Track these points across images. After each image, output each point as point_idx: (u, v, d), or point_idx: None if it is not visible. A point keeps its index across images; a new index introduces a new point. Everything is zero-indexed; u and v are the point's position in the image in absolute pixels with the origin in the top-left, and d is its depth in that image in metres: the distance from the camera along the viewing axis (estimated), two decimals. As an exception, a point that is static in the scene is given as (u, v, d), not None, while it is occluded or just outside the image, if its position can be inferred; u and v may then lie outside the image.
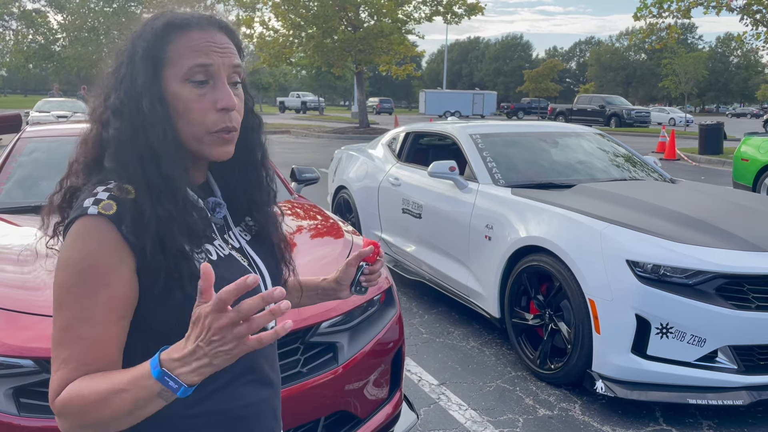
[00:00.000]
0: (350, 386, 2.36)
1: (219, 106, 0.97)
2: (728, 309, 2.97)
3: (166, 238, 0.94)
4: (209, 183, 1.12)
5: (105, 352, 0.92)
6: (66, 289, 0.91)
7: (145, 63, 0.97)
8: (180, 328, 0.95)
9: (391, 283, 2.69)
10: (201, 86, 0.98)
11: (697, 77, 28.74)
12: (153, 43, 0.98)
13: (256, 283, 0.80)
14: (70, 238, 0.92)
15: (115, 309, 0.92)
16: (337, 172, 6.40)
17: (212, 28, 1.01)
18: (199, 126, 0.98)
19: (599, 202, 3.71)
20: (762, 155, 8.68)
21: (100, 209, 0.92)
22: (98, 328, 0.91)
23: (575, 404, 3.27)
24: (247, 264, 1.07)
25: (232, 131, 1.00)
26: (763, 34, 16.50)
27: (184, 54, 0.98)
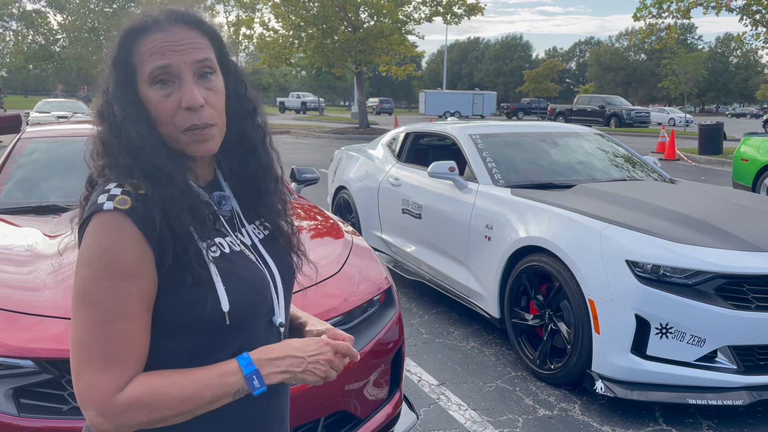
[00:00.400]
0: (350, 386, 2.37)
1: (183, 104, 0.98)
2: (728, 309, 2.97)
3: (172, 221, 0.95)
4: (217, 179, 1.12)
5: (143, 344, 0.95)
6: (94, 285, 0.91)
7: (117, 70, 1.00)
8: (190, 320, 0.97)
9: (390, 284, 2.70)
10: (165, 87, 0.98)
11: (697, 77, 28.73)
12: (120, 51, 1.00)
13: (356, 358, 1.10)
14: (90, 236, 0.93)
15: (144, 300, 0.94)
16: (337, 172, 6.40)
17: (173, 26, 1.00)
18: (170, 126, 0.99)
19: (599, 203, 3.71)
20: (762, 155, 8.68)
21: (116, 204, 0.93)
22: (134, 320, 0.93)
23: (575, 404, 3.28)
24: (254, 260, 1.08)
25: (204, 128, 0.99)
26: (762, 34, 16.51)
27: (144, 58, 0.99)
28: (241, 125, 1.10)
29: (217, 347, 1.00)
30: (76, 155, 3.71)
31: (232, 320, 0.99)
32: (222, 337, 1.00)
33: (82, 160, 3.77)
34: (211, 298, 0.97)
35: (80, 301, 0.92)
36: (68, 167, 3.61)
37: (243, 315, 1.01)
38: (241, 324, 1.01)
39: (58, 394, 1.91)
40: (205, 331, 0.99)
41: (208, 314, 0.97)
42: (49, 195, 3.34)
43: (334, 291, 2.47)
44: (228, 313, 0.98)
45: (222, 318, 0.98)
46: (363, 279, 2.62)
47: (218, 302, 0.97)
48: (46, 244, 2.56)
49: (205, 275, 0.97)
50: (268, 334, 1.08)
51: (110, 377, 0.91)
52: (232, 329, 1.00)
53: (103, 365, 0.91)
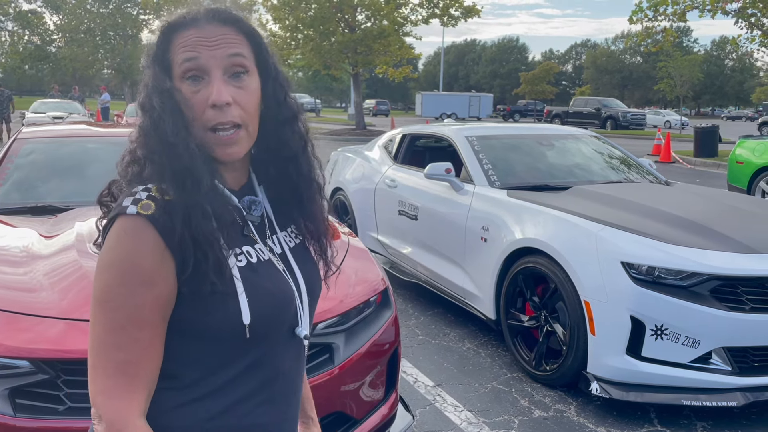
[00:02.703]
0: (346, 387, 2.37)
1: (209, 101, 0.96)
2: (722, 311, 2.99)
3: (195, 226, 0.92)
4: (251, 183, 1.09)
5: (157, 353, 0.94)
6: (113, 290, 0.91)
7: (155, 65, 1.00)
8: (208, 330, 0.96)
9: (387, 285, 2.70)
10: (195, 83, 0.97)
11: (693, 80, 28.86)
12: (157, 47, 1.01)
13: None
14: (112, 239, 0.92)
15: (161, 309, 0.93)
16: (333, 173, 6.41)
17: (209, 23, 0.99)
18: (198, 123, 0.97)
19: (594, 204, 3.73)
20: (757, 158, 8.72)
21: (139, 209, 0.92)
22: (149, 329, 0.92)
23: (570, 405, 3.29)
24: (283, 270, 1.05)
25: (230, 130, 0.97)
26: (758, 37, 16.58)
27: (177, 52, 0.99)
28: (279, 132, 1.07)
29: (235, 358, 0.99)
30: (73, 156, 3.71)
31: (253, 333, 0.97)
32: (241, 349, 0.99)
33: (78, 160, 3.77)
34: (232, 309, 0.95)
35: (98, 305, 0.92)
36: (65, 168, 3.61)
37: (264, 328, 0.99)
38: (262, 336, 1.00)
39: (54, 395, 1.91)
40: (224, 341, 0.97)
41: (228, 326, 0.95)
42: (45, 196, 3.34)
43: (332, 291, 2.47)
44: (249, 326, 0.96)
45: (242, 330, 0.96)
46: (359, 280, 2.63)
47: (239, 315, 0.95)
48: (42, 245, 2.56)
49: (226, 286, 0.94)
50: (289, 345, 1.06)
51: (122, 384, 0.91)
52: (252, 341, 0.98)
53: (117, 371, 0.91)
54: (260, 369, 1.02)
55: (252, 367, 1.00)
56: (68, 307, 2.06)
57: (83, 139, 3.92)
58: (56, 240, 2.60)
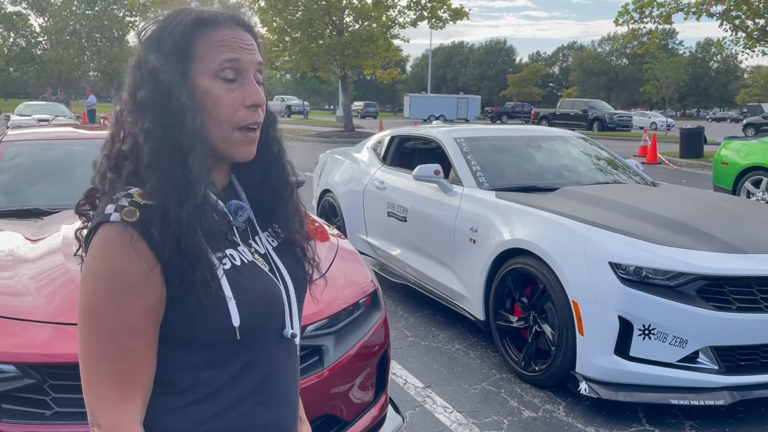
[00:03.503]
0: (336, 389, 2.36)
1: (249, 102, 0.98)
2: (709, 310, 3.01)
3: (183, 239, 0.91)
4: (233, 185, 1.10)
5: (151, 360, 0.94)
6: (101, 301, 0.89)
7: (175, 58, 0.96)
8: (198, 334, 0.95)
9: (376, 286, 2.70)
10: (230, 82, 0.98)
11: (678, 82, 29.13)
12: (181, 39, 0.97)
13: None
14: (96, 248, 0.90)
15: (151, 316, 0.92)
16: (322, 175, 6.40)
17: (239, 27, 1.01)
18: (227, 122, 0.97)
19: (582, 205, 3.75)
20: (741, 159, 8.81)
21: (123, 216, 0.90)
22: (142, 338, 0.91)
23: (559, 406, 3.30)
24: (268, 270, 1.05)
25: (257, 129, 1.01)
26: (742, 39, 16.77)
27: (213, 50, 0.97)
28: (265, 135, 1.09)
29: (228, 361, 0.99)
30: (59, 159, 3.68)
31: (243, 335, 0.97)
32: (233, 351, 0.99)
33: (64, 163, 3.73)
34: (222, 312, 0.94)
35: (86, 316, 0.90)
36: (51, 171, 3.57)
37: (254, 329, 0.99)
38: (252, 338, 1.00)
39: (41, 399, 1.89)
40: (215, 345, 0.97)
41: (218, 329, 0.95)
42: (31, 199, 3.31)
43: (320, 295, 2.46)
44: (239, 328, 0.96)
45: (233, 333, 0.95)
46: (349, 282, 2.63)
47: (228, 318, 0.95)
48: (28, 248, 2.54)
49: (216, 290, 0.93)
50: (280, 345, 1.06)
51: (119, 393, 0.91)
52: (243, 343, 0.98)
53: (112, 380, 0.90)
54: (253, 370, 1.01)
55: (245, 368, 1.00)
56: (55, 311, 2.04)
57: (69, 141, 3.89)
58: (42, 243, 2.57)
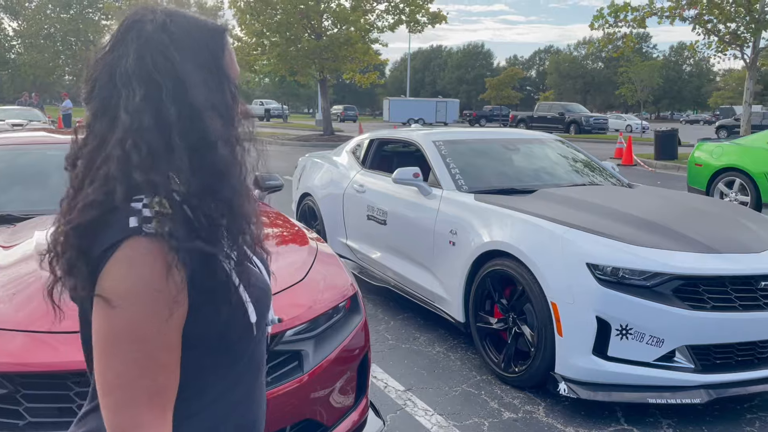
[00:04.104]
0: (316, 394, 2.35)
1: (245, 114, 1.01)
2: (685, 310, 3.05)
3: (207, 243, 0.90)
4: None
5: (179, 374, 0.91)
6: (140, 320, 0.85)
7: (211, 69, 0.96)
8: (219, 336, 0.95)
9: (356, 290, 2.69)
10: (233, 96, 1.00)
11: (652, 85, 29.52)
12: (215, 51, 0.98)
13: None
14: (125, 266, 0.85)
15: (181, 328, 0.90)
16: (301, 179, 6.38)
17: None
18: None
19: (560, 207, 3.78)
20: (715, 160, 8.97)
21: (154, 227, 0.85)
22: (176, 351, 0.90)
23: (539, 406, 3.32)
24: (252, 265, 1.06)
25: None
26: (714, 43, 17.08)
27: (230, 64, 1.00)
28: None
29: (235, 358, 0.99)
30: (33, 164, 3.61)
31: (257, 329, 0.99)
32: (244, 348, 0.99)
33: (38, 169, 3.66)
34: (241, 310, 0.95)
35: (120, 339, 0.85)
36: (24, 176, 3.51)
37: (261, 322, 1.01)
38: (260, 331, 1.02)
39: (14, 410, 1.85)
40: (233, 345, 0.97)
41: (239, 328, 0.96)
42: (4, 205, 3.25)
43: (299, 298, 2.46)
44: (255, 324, 0.97)
45: (250, 329, 0.97)
46: (328, 286, 2.62)
47: (246, 314, 0.96)
48: (0, 255, 2.49)
49: (233, 289, 0.94)
50: (263, 337, 1.08)
51: (156, 414, 0.87)
52: (255, 338, 1.00)
53: (150, 401, 0.87)
54: (253, 365, 1.03)
55: (248, 364, 1.02)
56: (27, 319, 2.00)
57: (43, 146, 3.83)
58: (15, 250, 2.52)
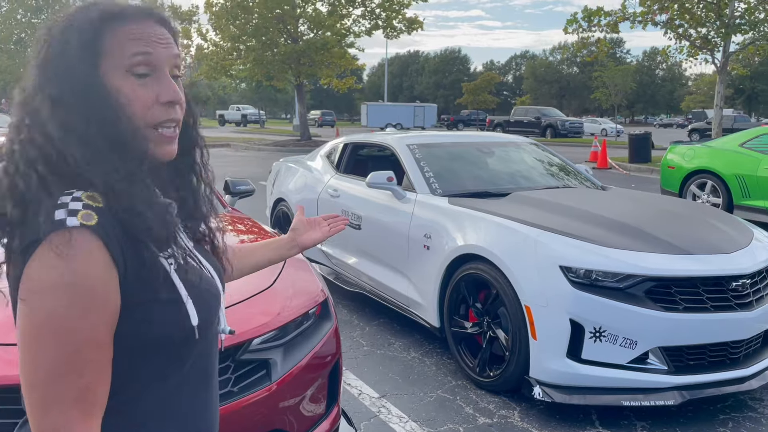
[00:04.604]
0: (285, 403, 2.29)
1: (163, 98, 0.93)
2: (657, 311, 3.05)
3: (139, 241, 0.88)
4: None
5: (108, 376, 0.88)
6: (64, 315, 0.82)
7: (83, 53, 0.91)
8: (158, 339, 0.91)
9: (326, 296, 2.64)
10: (143, 77, 0.93)
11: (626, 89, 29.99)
12: (89, 34, 0.92)
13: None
14: (51, 258, 0.82)
15: (111, 326, 0.87)
16: (275, 184, 6.30)
17: (152, 20, 0.97)
18: (141, 120, 0.92)
19: (533, 210, 3.77)
20: (687, 162, 9.08)
21: (81, 220, 0.83)
22: (104, 350, 0.86)
23: (514, 411, 3.29)
24: (200, 267, 1.03)
25: (173, 127, 0.96)
26: (685, 48, 17.35)
27: (123, 44, 0.92)
28: (191, 133, 1.08)
29: (178, 364, 0.96)
30: None
31: (200, 333, 0.95)
32: (186, 352, 0.96)
33: None
34: (180, 314, 0.92)
35: (43, 333, 0.82)
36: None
37: (206, 326, 0.97)
38: (204, 336, 0.98)
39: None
40: (172, 348, 0.93)
41: (178, 331, 0.92)
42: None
43: (267, 305, 2.40)
44: (197, 327, 0.94)
45: (192, 332, 0.93)
46: (297, 292, 2.56)
47: (187, 317, 0.92)
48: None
49: (171, 289, 0.91)
50: (215, 343, 1.05)
51: (81, 414, 0.84)
52: (197, 343, 0.96)
53: (74, 400, 0.83)
54: (201, 373, 1.01)
55: (195, 371, 0.98)
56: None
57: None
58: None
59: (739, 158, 8.43)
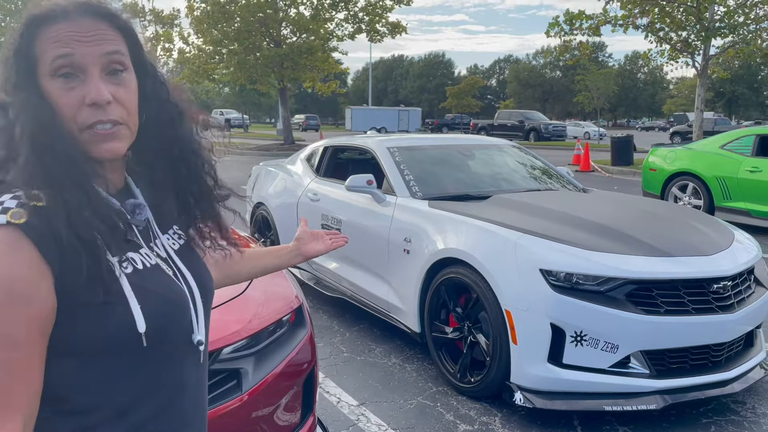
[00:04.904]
0: (258, 413, 2.22)
1: (87, 100, 0.90)
2: (638, 314, 3.01)
3: (78, 235, 0.85)
4: (128, 187, 1.04)
5: (33, 377, 0.85)
6: None
7: (17, 61, 0.92)
8: (101, 344, 0.89)
9: (301, 302, 2.56)
10: (68, 80, 0.91)
11: (608, 93, 30.25)
12: (20, 40, 0.92)
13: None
14: None
15: (38, 327, 0.83)
16: (255, 188, 6.22)
17: (82, 17, 0.93)
18: (72, 122, 0.91)
19: (513, 213, 3.72)
20: (668, 165, 9.12)
21: (9, 218, 0.82)
22: (22, 350, 0.82)
23: (495, 417, 3.23)
24: (172, 274, 1.00)
25: (110, 125, 0.92)
26: (666, 51, 17.48)
27: (46, 47, 0.91)
28: (165, 131, 1.03)
29: (133, 373, 0.93)
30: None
31: (150, 341, 0.91)
32: (138, 359, 0.93)
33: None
34: (125, 319, 0.89)
35: None
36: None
37: (161, 335, 0.94)
38: (158, 344, 0.94)
39: None
40: (120, 356, 0.90)
41: (122, 338, 0.89)
42: None
43: (239, 313, 2.32)
44: (145, 334, 0.90)
45: (138, 340, 0.90)
46: (271, 298, 2.48)
47: (133, 323, 0.89)
48: None
49: (117, 294, 0.88)
50: (189, 355, 1.01)
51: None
52: (149, 350, 0.92)
53: None
54: (164, 383, 0.97)
55: (152, 382, 0.95)
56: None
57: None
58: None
59: (719, 160, 8.48)
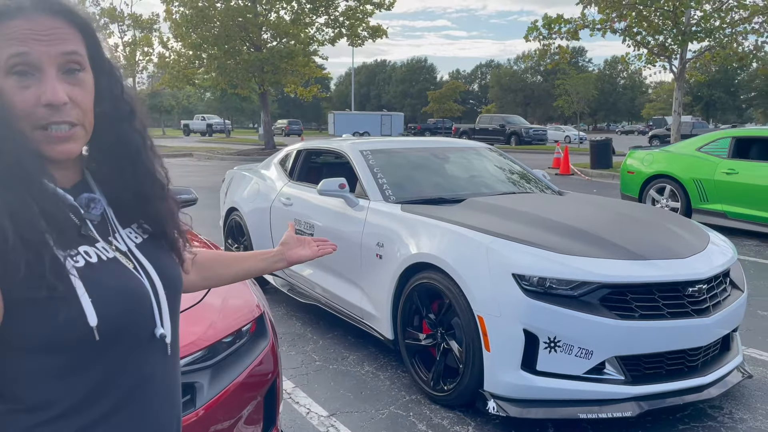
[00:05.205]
0: (216, 427, 2.11)
1: (42, 100, 0.89)
2: (613, 319, 2.94)
3: (23, 229, 0.84)
4: (86, 181, 1.03)
5: None
6: None
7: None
8: (52, 338, 0.88)
9: (262, 311, 2.46)
10: (23, 78, 0.90)
11: (588, 97, 30.45)
12: None
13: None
14: None
15: None
16: (228, 193, 6.09)
17: (38, 14, 0.91)
18: (26, 121, 0.89)
19: (487, 216, 3.65)
20: (646, 167, 9.13)
21: None
22: None
23: (469, 427, 3.14)
24: (132, 268, 0.99)
25: (65, 126, 0.91)
26: (644, 55, 17.61)
27: (2, 45, 0.89)
28: (117, 129, 1.03)
29: (87, 367, 0.92)
30: None
31: (103, 335, 0.90)
32: (92, 353, 0.91)
33: None
34: (75, 312, 0.88)
35: None
36: None
37: (116, 329, 0.93)
38: (114, 338, 0.93)
39: None
40: (72, 350, 0.90)
41: (73, 332, 0.88)
42: None
43: (195, 322, 2.21)
44: (96, 328, 0.89)
45: (90, 333, 0.89)
46: (230, 307, 2.38)
47: (84, 317, 0.88)
48: None
49: (64, 287, 0.87)
50: (152, 348, 1.00)
51: None
52: (104, 344, 0.91)
53: None
54: (122, 377, 0.95)
55: (112, 376, 0.94)
56: None
57: None
58: None
59: (696, 162, 8.50)
